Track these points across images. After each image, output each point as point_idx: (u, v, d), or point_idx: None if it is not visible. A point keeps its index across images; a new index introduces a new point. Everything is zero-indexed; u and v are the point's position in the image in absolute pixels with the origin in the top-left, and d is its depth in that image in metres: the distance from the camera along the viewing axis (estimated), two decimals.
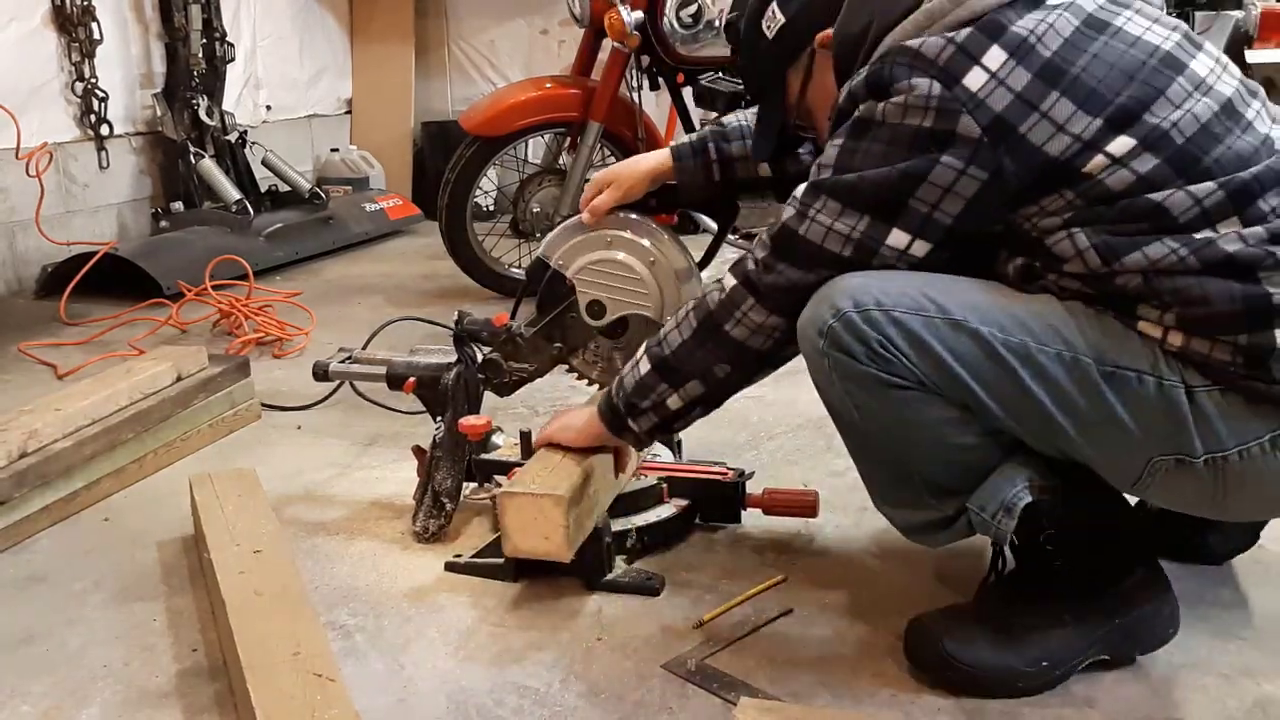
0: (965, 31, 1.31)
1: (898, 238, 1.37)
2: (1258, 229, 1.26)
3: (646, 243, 1.88)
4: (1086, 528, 1.46)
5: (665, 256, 1.88)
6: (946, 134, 1.31)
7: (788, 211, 1.44)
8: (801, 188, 1.43)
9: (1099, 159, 1.28)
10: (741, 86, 1.78)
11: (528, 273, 2.01)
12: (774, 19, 1.61)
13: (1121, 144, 1.28)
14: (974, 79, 1.29)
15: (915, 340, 1.34)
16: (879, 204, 1.36)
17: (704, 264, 2.00)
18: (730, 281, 1.50)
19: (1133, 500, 1.51)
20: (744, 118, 1.86)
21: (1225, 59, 1.41)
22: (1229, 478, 1.31)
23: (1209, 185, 1.27)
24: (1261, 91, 1.41)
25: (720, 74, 3.49)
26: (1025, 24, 1.31)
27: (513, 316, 2.00)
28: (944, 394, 1.36)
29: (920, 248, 1.37)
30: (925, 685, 1.47)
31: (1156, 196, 1.27)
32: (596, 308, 1.92)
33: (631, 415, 1.61)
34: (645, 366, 1.58)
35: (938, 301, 1.35)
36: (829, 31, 1.53)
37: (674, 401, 1.57)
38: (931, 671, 1.47)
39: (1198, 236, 1.26)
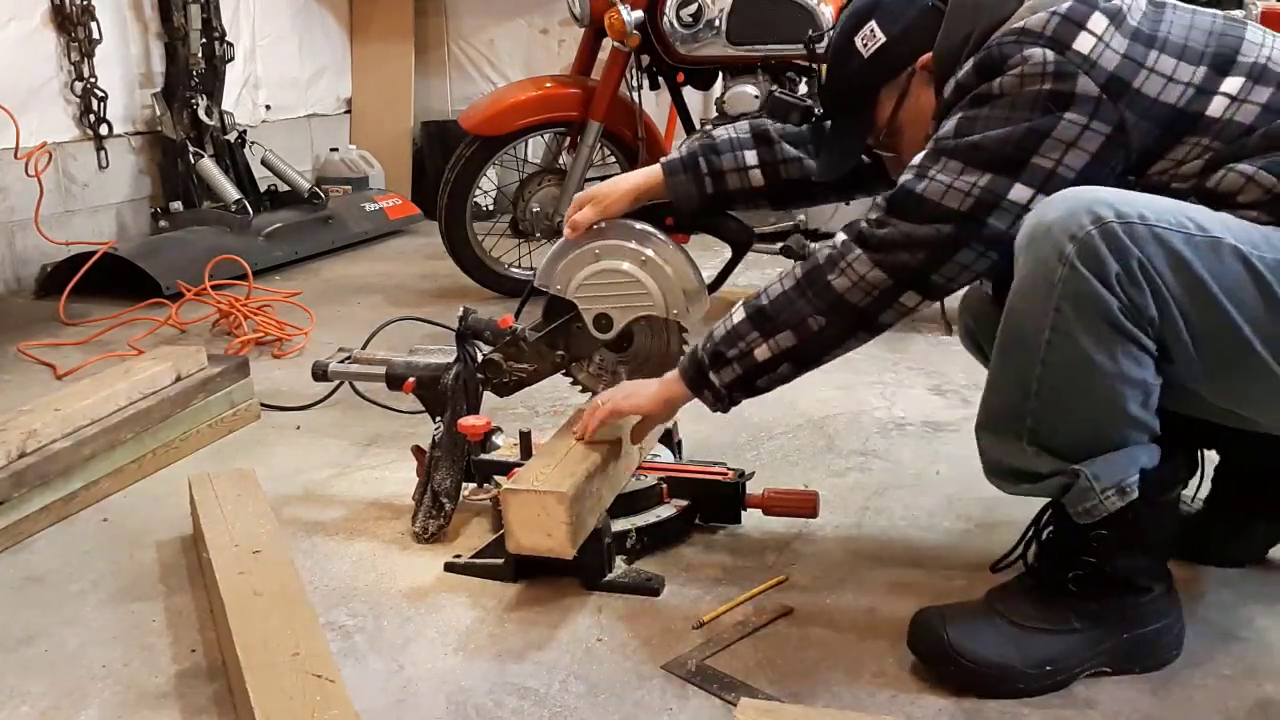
0: (1066, 5, 1.37)
1: (1020, 192, 1.38)
2: None
3: (632, 244, 1.87)
4: (1136, 532, 1.42)
5: (655, 252, 1.87)
6: (1068, 94, 1.35)
7: (905, 175, 1.45)
8: (918, 155, 1.45)
9: (1219, 100, 1.36)
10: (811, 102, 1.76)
11: (538, 279, 2.01)
12: (873, 38, 1.59)
13: (1233, 83, 1.37)
14: (1083, 42, 1.35)
15: (1176, 260, 1.29)
16: (1003, 160, 1.38)
17: (714, 288, 1.96)
18: (840, 235, 1.50)
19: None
20: (733, 130, 1.84)
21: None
22: None
23: None
24: None
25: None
26: (1111, 2, 1.38)
27: (517, 317, 2.00)
28: (1181, 325, 1.30)
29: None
30: (926, 686, 1.47)
31: None
32: (603, 320, 1.91)
33: (715, 366, 1.58)
34: (739, 315, 1.56)
35: (1191, 217, 1.31)
36: (930, 54, 1.54)
37: (762, 351, 1.53)
38: (933, 663, 1.47)
39: None
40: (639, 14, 3.45)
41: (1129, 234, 1.28)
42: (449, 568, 1.83)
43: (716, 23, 3.48)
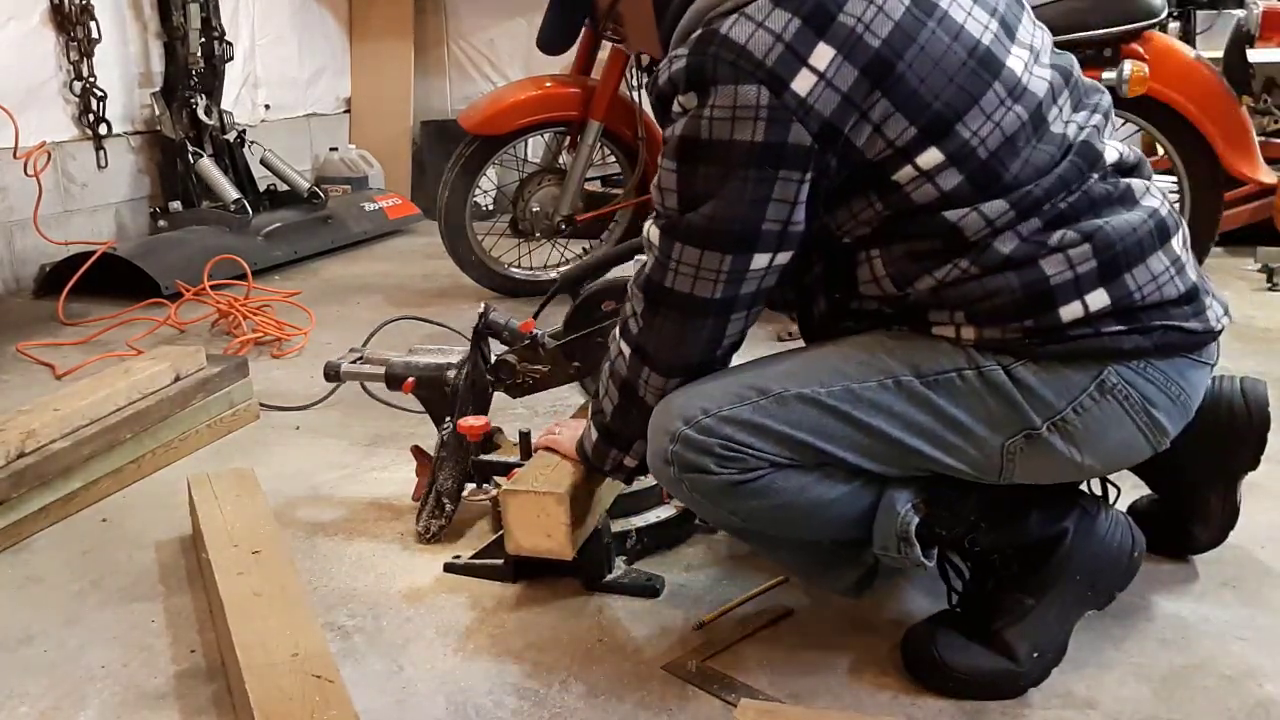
0: (794, 26, 1.26)
1: (761, 260, 1.36)
2: (1034, 220, 1.31)
3: None
4: (993, 515, 1.46)
5: None
6: (779, 146, 1.28)
7: (649, 261, 1.42)
8: (654, 232, 1.40)
9: (908, 169, 1.30)
10: None
11: (562, 277, 2.02)
12: None
13: (930, 157, 1.29)
14: (802, 83, 1.26)
15: (752, 428, 1.38)
16: (735, 238, 1.34)
17: None
18: (625, 349, 1.48)
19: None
20: None
21: (1039, 41, 1.43)
22: (1075, 436, 1.37)
23: (1001, 205, 1.31)
24: (1075, 70, 1.44)
25: None
26: (854, 9, 1.27)
27: (535, 318, 2.01)
28: (796, 463, 1.39)
29: (783, 257, 1.37)
30: (926, 686, 1.47)
31: (952, 216, 1.31)
32: None
33: (604, 469, 1.62)
34: (594, 434, 1.59)
35: (755, 385, 1.40)
36: None
37: (630, 461, 1.57)
38: (929, 682, 1.47)
39: (984, 245, 1.31)
40: None
41: (700, 430, 1.38)
42: (449, 568, 1.82)
43: None
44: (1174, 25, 4.21)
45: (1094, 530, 1.48)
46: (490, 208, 4.95)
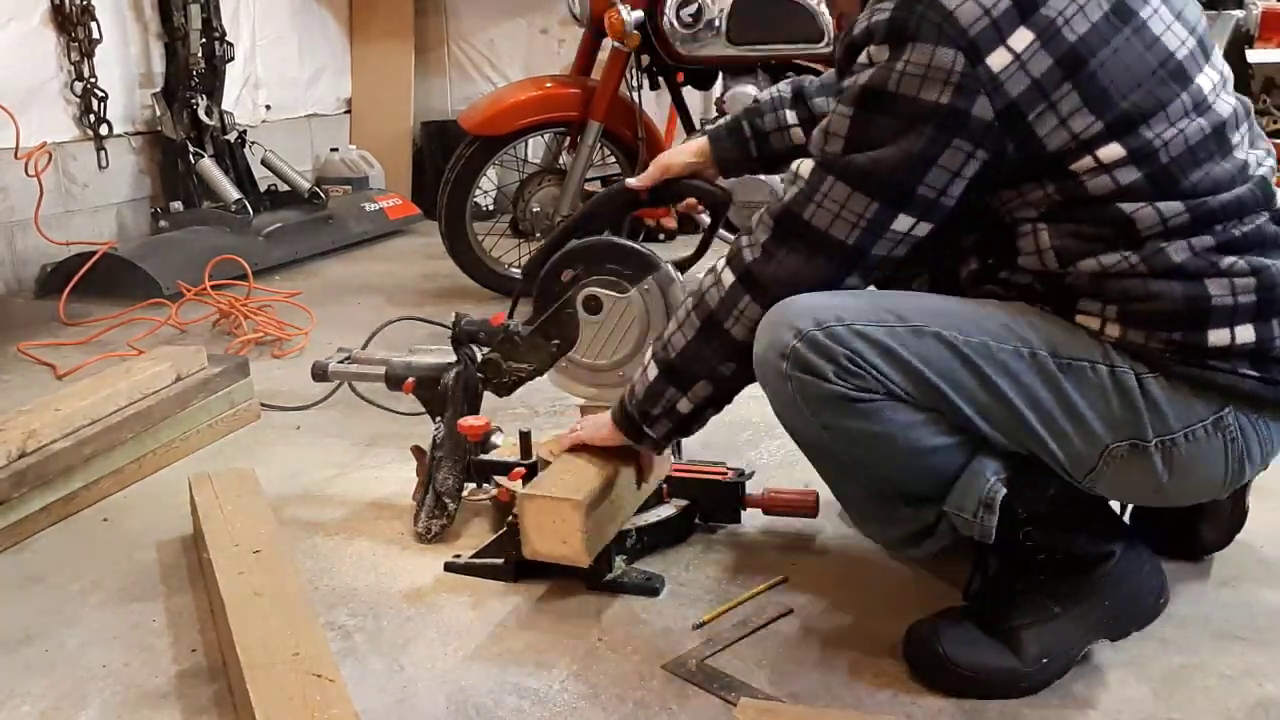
0: (1003, 5, 1.28)
1: (903, 222, 1.36)
2: (1205, 238, 1.33)
3: None
4: (1060, 513, 1.46)
5: None
6: (963, 114, 1.30)
7: (790, 191, 1.42)
8: (805, 165, 1.41)
9: (1087, 160, 1.32)
10: None
11: (524, 271, 2.00)
12: None
13: (1111, 151, 1.31)
14: (998, 59, 1.28)
15: (883, 350, 1.37)
16: (890, 190, 1.35)
17: (696, 258, 2.01)
18: (728, 277, 1.47)
19: None
20: (774, 91, 1.87)
21: (1228, 73, 1.44)
22: (1175, 461, 1.39)
23: (1177, 206, 1.32)
24: (1251, 110, 1.46)
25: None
26: (1057, 3, 1.29)
27: (510, 315, 2.00)
28: (912, 400, 1.38)
29: (922, 229, 1.38)
30: (926, 686, 1.47)
31: (1128, 208, 1.32)
32: (593, 302, 1.92)
33: (646, 422, 1.60)
34: (653, 372, 1.56)
35: (896, 312, 1.39)
36: None
37: (684, 405, 1.55)
38: (932, 677, 1.47)
39: (1154, 246, 1.33)
40: (639, 14, 3.45)
41: (830, 336, 1.37)
42: (449, 568, 1.83)
43: (716, 23, 3.48)
44: None
45: (1135, 563, 1.50)
46: (490, 208, 4.95)
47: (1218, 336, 1.34)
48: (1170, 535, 1.74)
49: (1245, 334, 1.34)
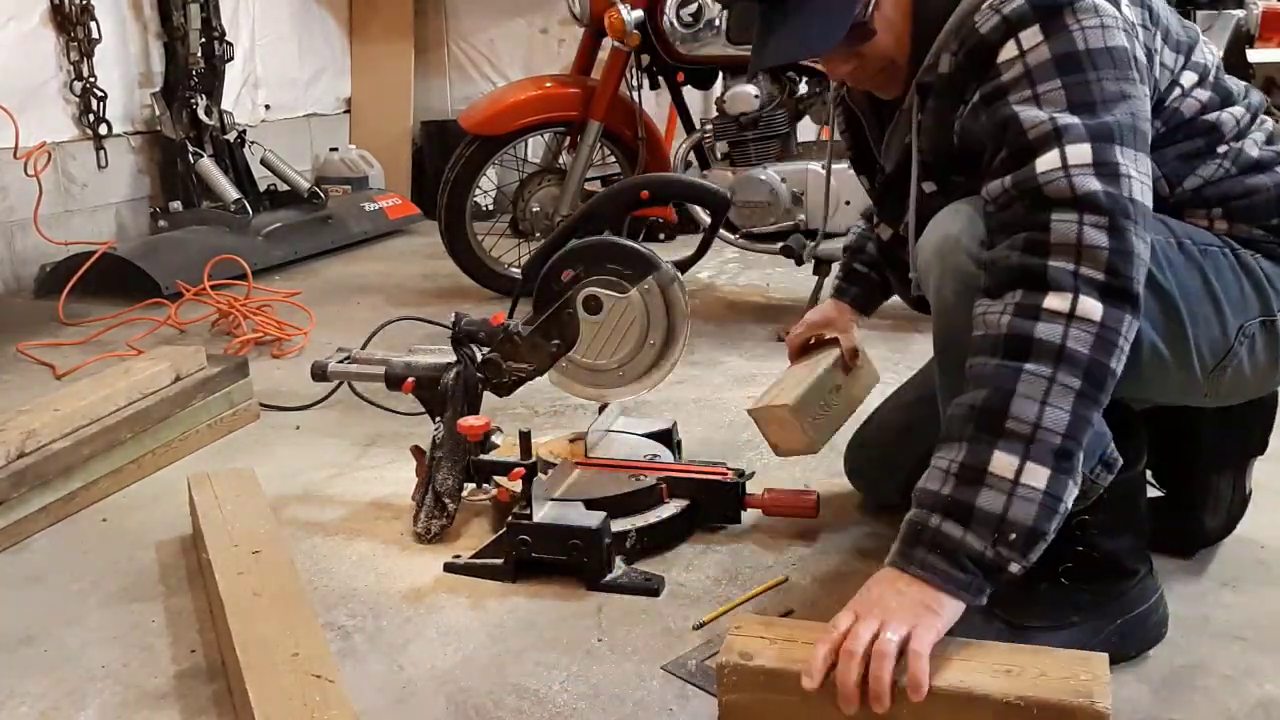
0: None
1: (1147, 164, 1.32)
2: (1259, 135, 1.50)
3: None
4: (1120, 509, 1.46)
5: None
6: (1132, 55, 1.34)
7: (1091, 184, 1.24)
8: (1082, 150, 1.25)
9: (1176, 91, 1.46)
10: None
11: (524, 271, 2.00)
12: None
13: (1188, 77, 1.47)
14: (1126, 10, 1.37)
15: None
16: (1145, 137, 1.32)
17: (696, 258, 2.01)
18: (1090, 307, 1.22)
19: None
20: (858, 225, 1.97)
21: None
22: None
23: (1239, 110, 1.50)
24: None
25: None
26: None
27: (510, 315, 2.00)
28: None
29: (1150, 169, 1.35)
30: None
31: (1211, 118, 1.47)
32: (593, 302, 1.92)
33: (1028, 551, 1.22)
34: (1041, 476, 1.20)
35: None
36: None
37: (1071, 494, 1.23)
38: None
39: (1234, 146, 1.47)
40: (639, 14, 3.45)
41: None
42: (449, 568, 1.82)
43: (716, 22, 3.48)
44: None
45: (1152, 588, 1.52)
46: (490, 208, 4.95)
47: None
48: (1174, 525, 1.74)
49: None
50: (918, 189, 1.54)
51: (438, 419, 1.97)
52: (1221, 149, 1.47)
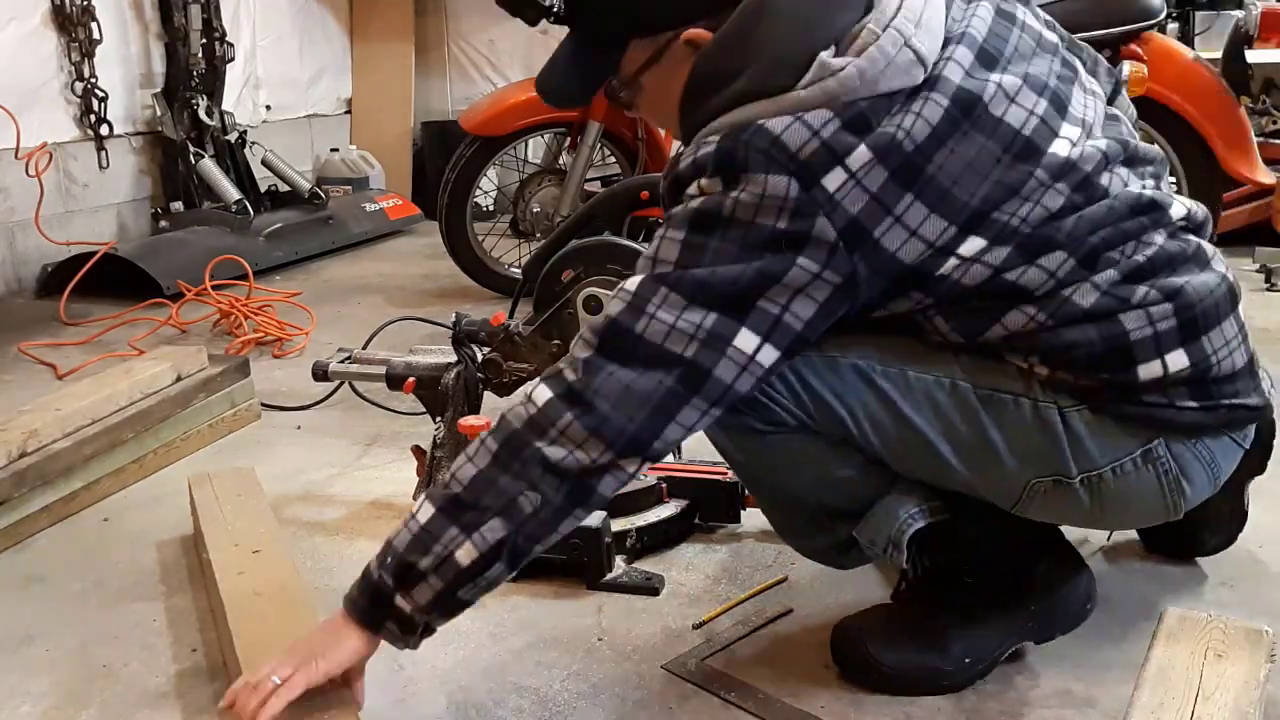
0: (833, 127, 1.21)
1: (746, 339, 1.23)
2: (1109, 273, 1.29)
3: None
4: (986, 536, 1.47)
5: None
6: (802, 236, 1.21)
7: (615, 306, 1.26)
8: (632, 282, 1.26)
9: (950, 260, 1.26)
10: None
11: (524, 271, 2.00)
12: None
13: (972, 245, 1.26)
14: (833, 179, 1.21)
15: (795, 380, 1.33)
16: (729, 299, 1.22)
17: None
18: (544, 394, 1.25)
19: None
20: None
21: (1092, 113, 1.36)
22: (1105, 495, 1.35)
23: (1059, 255, 1.27)
24: (1133, 139, 1.41)
25: None
26: (896, 118, 1.22)
27: (510, 315, 2.01)
28: (823, 431, 1.36)
29: (768, 355, 1.24)
30: (853, 683, 1.48)
31: (1011, 276, 1.28)
32: (594, 303, 1.92)
33: (404, 585, 1.26)
34: (427, 512, 1.27)
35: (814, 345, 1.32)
36: (703, 32, 1.33)
37: (466, 552, 1.24)
38: (857, 674, 1.48)
39: (1056, 298, 1.28)
40: None
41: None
42: None
43: None
44: (1173, 26, 4.22)
45: (1064, 574, 1.51)
46: (490, 208, 4.95)
47: (1148, 370, 1.29)
48: (1173, 539, 1.75)
49: (1178, 360, 1.30)
50: None
51: (438, 419, 1.97)
52: (1030, 309, 1.29)
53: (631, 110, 1.53)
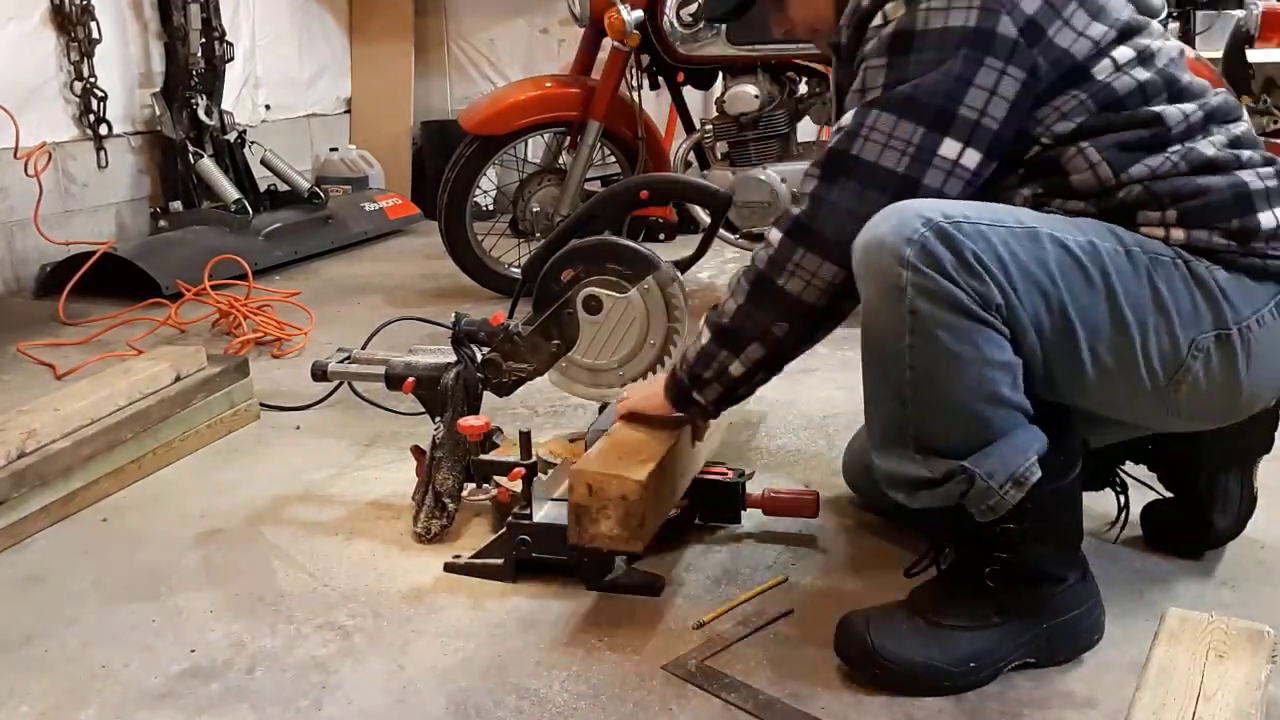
0: None
1: (950, 147, 1.39)
2: (1219, 136, 1.45)
3: None
4: (1046, 518, 1.46)
5: None
6: (989, 33, 1.37)
7: (834, 139, 1.44)
8: (847, 116, 1.43)
9: (1106, 63, 1.42)
10: None
11: (524, 271, 2.00)
12: None
13: (1123, 53, 1.43)
14: None
15: (1004, 249, 1.35)
16: (932, 112, 1.38)
17: (695, 258, 2.01)
18: (775, 235, 1.47)
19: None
20: None
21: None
22: (1252, 348, 1.42)
23: (1191, 105, 1.45)
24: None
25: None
26: None
27: (510, 315, 2.00)
28: (1022, 306, 1.35)
29: (971, 157, 1.40)
30: (856, 677, 1.48)
31: (1155, 107, 1.43)
32: (593, 302, 1.92)
33: (696, 387, 1.59)
34: (706, 336, 1.56)
35: (1012, 213, 1.39)
36: None
37: (736, 368, 1.54)
38: (859, 667, 1.48)
39: (1185, 145, 1.42)
40: (639, 13, 3.45)
41: (959, 230, 1.34)
42: (448, 568, 1.82)
43: None
44: (1174, 25, 4.22)
45: (1082, 595, 1.52)
46: (490, 208, 4.94)
47: (1267, 219, 1.41)
48: (1183, 527, 1.75)
49: None
50: None
51: (437, 419, 1.97)
52: (1169, 145, 1.42)
53: (784, 22, 1.68)
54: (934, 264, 1.33)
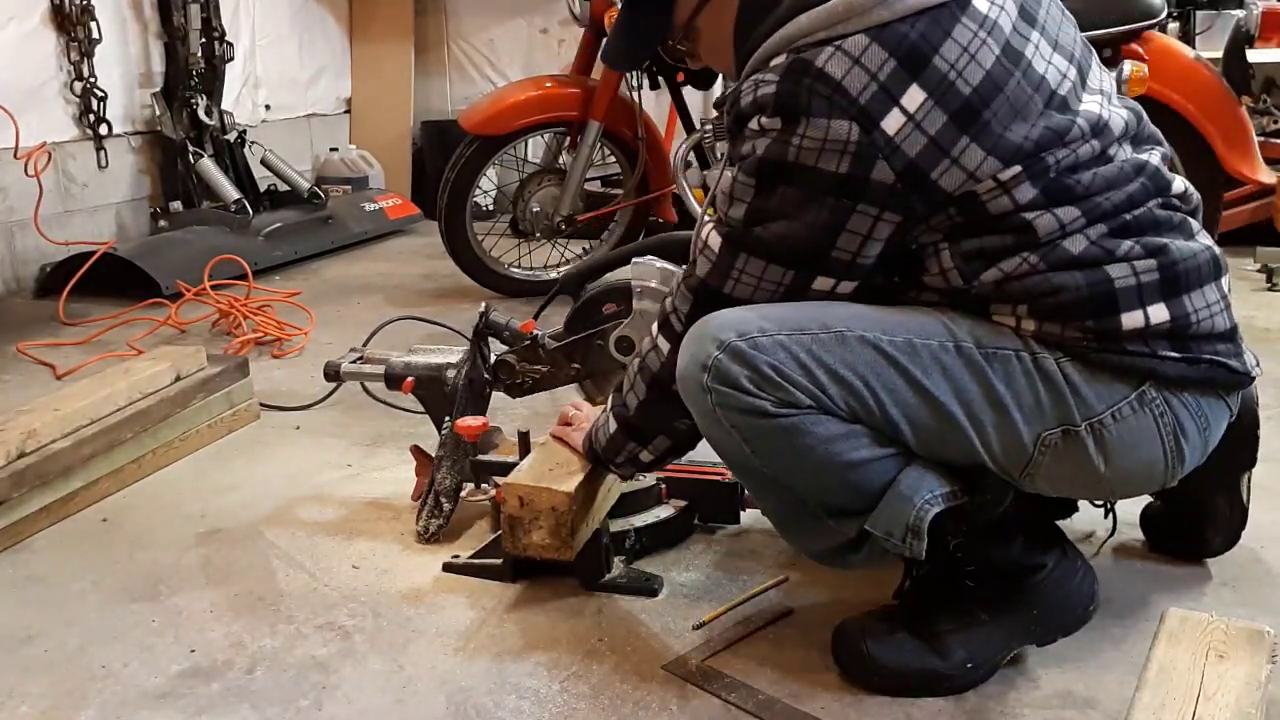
0: (890, 67, 1.28)
1: (823, 282, 1.39)
2: (1099, 225, 1.35)
3: None
4: (994, 528, 1.46)
5: None
6: (862, 179, 1.31)
7: (703, 266, 1.43)
8: (714, 239, 1.41)
9: (987, 183, 1.33)
10: None
11: (562, 278, 2.02)
12: None
13: (1009, 172, 1.32)
14: (892, 122, 1.29)
15: (807, 357, 1.35)
16: (802, 258, 1.37)
17: None
18: (664, 344, 1.49)
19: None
20: None
21: (1108, 85, 1.47)
22: (1108, 443, 1.37)
23: (1073, 210, 1.34)
24: (1142, 114, 1.50)
25: None
26: (949, 54, 1.29)
27: (536, 318, 2.02)
28: (836, 408, 1.35)
29: (846, 287, 1.39)
30: (854, 684, 1.48)
31: (1028, 216, 1.33)
32: (625, 343, 1.94)
33: (610, 463, 1.64)
34: (612, 425, 1.60)
35: (819, 320, 1.37)
36: None
37: (646, 455, 1.59)
38: (856, 674, 1.48)
39: (1049, 247, 1.34)
40: None
41: (754, 346, 1.35)
42: (448, 568, 1.82)
43: None
44: (1173, 25, 4.21)
45: (1068, 575, 1.51)
46: (490, 208, 4.94)
47: (1131, 319, 1.34)
48: (1178, 542, 1.76)
49: (1159, 313, 1.34)
50: None
51: (446, 419, 1.97)
52: (1029, 254, 1.34)
53: (694, 60, 1.60)
54: (732, 383, 1.35)
